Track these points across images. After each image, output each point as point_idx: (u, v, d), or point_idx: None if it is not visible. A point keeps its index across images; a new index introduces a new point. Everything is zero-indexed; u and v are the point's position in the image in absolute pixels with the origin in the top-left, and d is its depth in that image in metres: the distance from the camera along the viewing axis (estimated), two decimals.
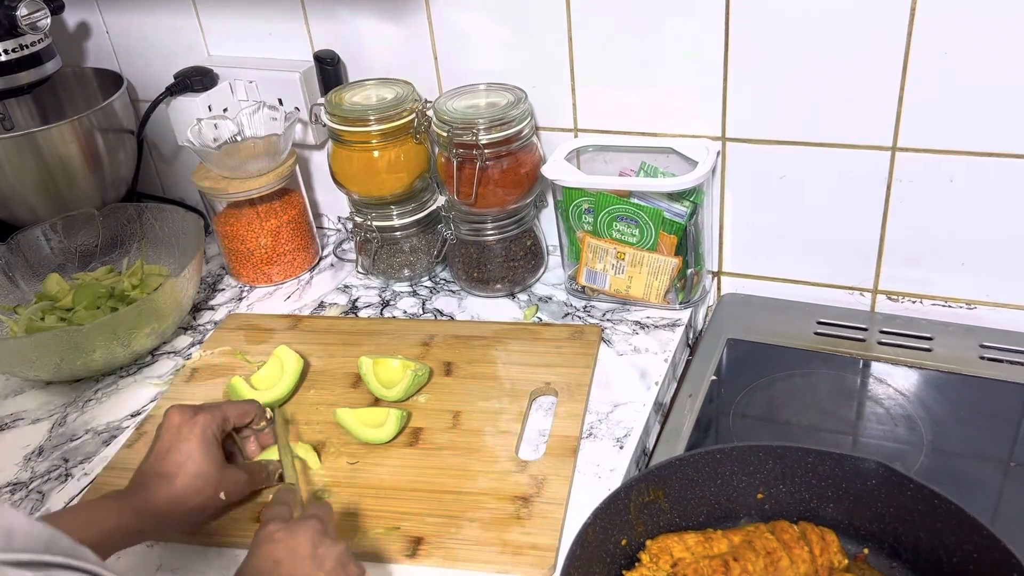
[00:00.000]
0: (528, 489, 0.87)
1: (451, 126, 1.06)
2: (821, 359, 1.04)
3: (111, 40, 1.35)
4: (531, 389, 0.99)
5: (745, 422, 0.98)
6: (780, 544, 0.75)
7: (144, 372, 1.12)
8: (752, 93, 1.03)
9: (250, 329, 1.16)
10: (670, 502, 0.79)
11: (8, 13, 1.14)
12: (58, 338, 1.02)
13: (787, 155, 1.05)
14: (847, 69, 0.97)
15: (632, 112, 1.10)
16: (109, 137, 1.28)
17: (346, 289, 1.24)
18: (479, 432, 0.94)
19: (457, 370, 1.04)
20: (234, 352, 1.11)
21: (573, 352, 1.03)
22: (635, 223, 1.05)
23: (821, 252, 1.10)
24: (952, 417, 0.95)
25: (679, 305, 1.10)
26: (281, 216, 1.23)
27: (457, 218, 1.15)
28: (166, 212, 1.23)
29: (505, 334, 1.08)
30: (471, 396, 0.99)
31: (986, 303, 1.06)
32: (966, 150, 0.97)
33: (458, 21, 1.12)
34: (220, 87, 1.25)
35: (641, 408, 0.97)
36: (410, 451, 0.93)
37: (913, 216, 1.03)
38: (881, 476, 0.75)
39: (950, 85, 0.94)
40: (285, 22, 1.22)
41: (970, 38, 0.91)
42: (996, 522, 0.80)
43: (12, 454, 1.00)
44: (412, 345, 1.08)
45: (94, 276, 1.22)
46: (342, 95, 1.14)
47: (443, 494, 0.88)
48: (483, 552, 0.81)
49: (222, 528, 0.87)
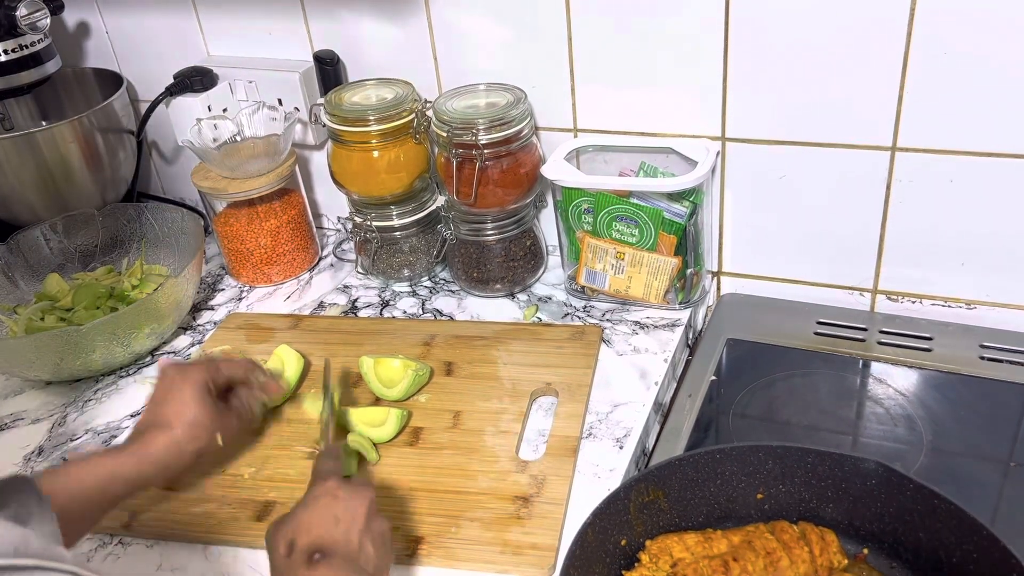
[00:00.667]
0: (528, 489, 0.87)
1: (451, 126, 1.06)
2: (821, 359, 1.04)
3: (111, 40, 1.35)
4: (532, 389, 0.99)
5: (745, 422, 0.98)
6: (780, 544, 0.75)
7: (144, 372, 1.11)
8: (752, 93, 1.03)
9: (251, 328, 1.16)
10: (670, 502, 0.79)
11: (8, 13, 1.14)
12: (58, 338, 1.02)
13: (787, 155, 1.05)
14: (847, 69, 0.97)
15: (632, 112, 1.10)
16: (109, 137, 1.28)
17: (346, 289, 1.24)
18: (479, 432, 0.94)
19: (458, 370, 1.04)
20: (235, 351, 1.11)
21: (574, 352, 1.04)
22: (635, 223, 1.04)
23: (821, 252, 1.10)
24: (952, 417, 0.95)
25: (679, 305, 1.10)
26: (281, 216, 1.23)
27: (457, 218, 1.15)
28: (166, 212, 1.23)
29: (506, 334, 1.08)
30: (472, 396, 0.99)
31: (986, 303, 1.06)
32: (966, 150, 0.97)
33: (458, 21, 1.12)
34: (220, 87, 1.25)
35: (641, 408, 0.97)
36: (410, 450, 0.93)
37: (913, 216, 1.03)
38: (881, 476, 0.75)
39: (950, 85, 0.94)
40: (285, 22, 1.22)
41: (970, 38, 0.91)
42: (996, 522, 0.80)
43: (12, 454, 1.00)
44: (413, 345, 1.08)
45: (94, 276, 1.22)
46: (342, 95, 1.14)
47: (443, 494, 0.88)
48: (483, 552, 0.81)
49: (222, 528, 0.87)
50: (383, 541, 0.70)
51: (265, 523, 0.84)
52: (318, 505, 0.69)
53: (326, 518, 0.68)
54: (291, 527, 0.68)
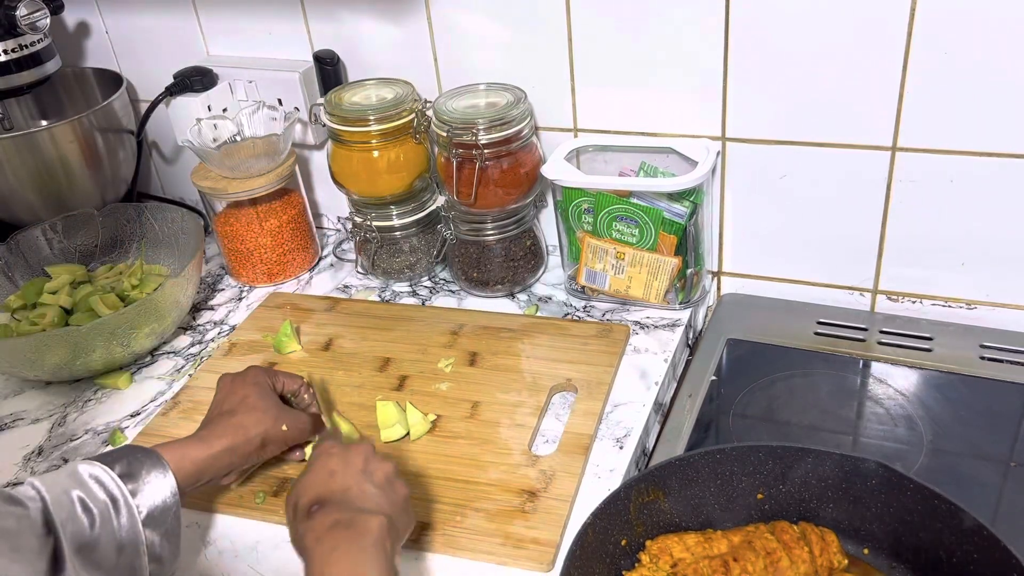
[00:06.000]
0: (536, 484, 0.87)
1: (451, 126, 1.06)
2: (821, 359, 1.04)
3: (111, 40, 1.35)
4: (552, 384, 0.99)
5: (745, 422, 0.98)
6: (780, 544, 0.75)
7: (144, 372, 1.11)
8: (752, 93, 1.03)
9: (290, 308, 1.18)
10: (670, 502, 0.79)
11: (8, 13, 1.13)
12: (58, 338, 1.02)
13: (787, 155, 1.05)
14: (847, 69, 0.97)
15: (632, 112, 1.10)
16: (109, 137, 1.28)
17: (346, 289, 1.24)
18: (495, 423, 0.95)
19: (482, 361, 1.04)
20: (263, 333, 1.14)
21: (598, 350, 1.04)
22: (635, 223, 1.04)
23: (821, 252, 1.10)
24: (952, 417, 0.95)
25: (679, 305, 1.10)
26: (281, 216, 1.23)
27: (457, 218, 1.15)
28: (166, 212, 1.23)
29: (533, 327, 1.09)
30: (492, 387, 1.00)
31: (986, 303, 1.06)
32: (966, 150, 0.97)
33: (458, 21, 1.12)
34: (220, 87, 1.25)
35: (641, 408, 0.97)
36: (426, 437, 0.95)
37: (913, 216, 1.03)
38: (881, 476, 0.75)
39: (950, 85, 0.94)
40: (285, 22, 1.22)
41: (970, 38, 0.91)
42: (996, 522, 0.80)
43: (12, 454, 1.00)
44: (441, 333, 1.10)
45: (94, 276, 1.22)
46: (342, 95, 1.14)
47: (453, 482, 0.88)
48: (484, 542, 0.82)
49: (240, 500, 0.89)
50: (387, 480, 0.73)
51: (281, 498, 0.88)
52: (315, 466, 0.74)
53: (322, 474, 0.73)
54: (295, 492, 0.72)
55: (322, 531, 0.67)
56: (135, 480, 0.74)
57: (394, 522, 0.69)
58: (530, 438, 0.93)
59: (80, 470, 0.73)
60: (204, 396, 1.01)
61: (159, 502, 0.74)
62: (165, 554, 0.74)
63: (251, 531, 0.87)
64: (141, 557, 0.72)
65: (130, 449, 0.77)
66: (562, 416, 0.96)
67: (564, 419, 0.95)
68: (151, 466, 0.75)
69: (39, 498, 0.68)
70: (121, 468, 0.74)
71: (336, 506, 0.69)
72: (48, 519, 0.67)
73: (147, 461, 0.76)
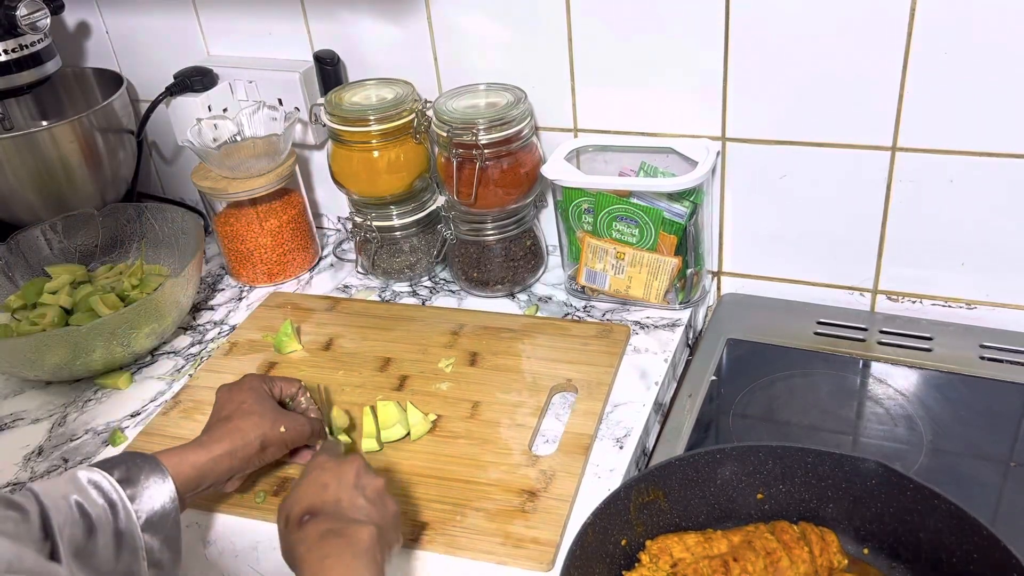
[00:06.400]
0: (536, 484, 0.87)
1: (451, 126, 1.06)
2: (821, 359, 1.04)
3: (111, 40, 1.35)
4: (552, 384, 0.99)
5: (745, 422, 0.98)
6: (780, 544, 0.75)
7: (144, 372, 1.11)
8: (752, 93, 1.03)
9: (291, 308, 1.18)
10: (670, 502, 0.79)
11: (8, 13, 1.13)
12: (58, 338, 1.02)
13: (787, 155, 1.05)
14: (847, 69, 0.97)
15: (632, 112, 1.10)
16: (109, 137, 1.28)
17: (346, 289, 1.24)
18: (496, 423, 0.95)
19: (482, 361, 1.04)
20: (263, 333, 1.14)
21: (598, 350, 1.04)
22: (635, 223, 1.04)
23: (821, 252, 1.10)
24: (952, 417, 0.95)
25: (679, 305, 1.10)
26: (281, 216, 1.23)
27: (457, 218, 1.15)
28: (166, 212, 1.23)
29: (534, 328, 1.09)
30: (492, 387, 1.00)
31: (986, 303, 1.06)
32: (966, 150, 0.97)
33: (458, 21, 1.12)
34: (220, 87, 1.25)
35: (641, 408, 0.97)
36: (426, 437, 0.95)
37: (913, 216, 1.03)
38: (881, 476, 0.75)
39: (950, 85, 0.94)
40: (285, 22, 1.22)
41: (970, 38, 0.91)
42: (996, 522, 0.80)
43: (12, 454, 1.00)
44: (441, 333, 1.10)
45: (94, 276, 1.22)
46: (342, 95, 1.14)
47: (453, 482, 0.89)
48: (485, 542, 0.82)
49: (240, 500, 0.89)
50: (377, 495, 0.74)
51: (279, 497, 0.88)
52: (308, 479, 0.75)
53: (314, 486, 0.74)
54: (287, 503, 0.73)
55: (313, 540, 0.68)
56: (134, 485, 0.74)
57: (384, 534, 0.70)
58: (530, 438, 0.93)
59: (79, 476, 0.73)
60: (204, 396, 1.02)
61: (158, 507, 0.75)
62: (165, 559, 0.75)
63: (251, 531, 0.87)
64: (140, 562, 0.73)
65: (129, 455, 0.78)
66: (562, 416, 0.96)
67: (564, 419, 0.95)
68: (150, 471, 0.76)
69: (37, 503, 0.69)
70: (120, 474, 0.75)
71: (328, 517, 0.70)
72: (46, 523, 0.67)
73: (146, 467, 0.76)
